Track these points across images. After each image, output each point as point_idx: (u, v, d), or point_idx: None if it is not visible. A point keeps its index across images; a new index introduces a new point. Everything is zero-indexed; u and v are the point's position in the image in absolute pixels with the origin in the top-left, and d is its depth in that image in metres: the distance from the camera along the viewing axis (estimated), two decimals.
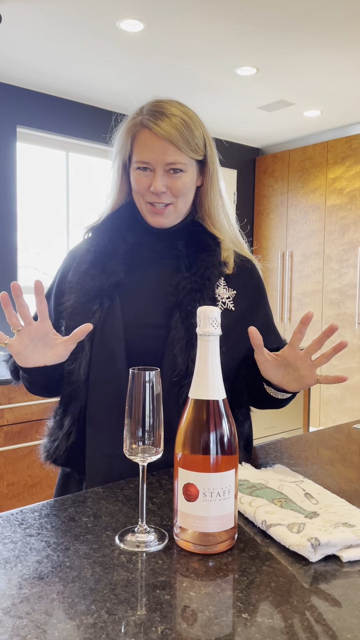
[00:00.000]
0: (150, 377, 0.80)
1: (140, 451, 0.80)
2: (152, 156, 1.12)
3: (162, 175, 1.13)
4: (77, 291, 1.15)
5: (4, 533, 0.83)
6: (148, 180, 1.14)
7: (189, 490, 0.78)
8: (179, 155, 1.12)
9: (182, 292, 1.14)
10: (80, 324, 1.08)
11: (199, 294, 1.14)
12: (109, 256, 1.18)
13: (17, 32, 3.01)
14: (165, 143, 1.11)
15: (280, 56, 3.27)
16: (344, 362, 4.67)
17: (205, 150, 1.18)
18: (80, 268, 1.18)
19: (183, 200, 1.17)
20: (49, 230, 4.23)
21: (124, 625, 0.61)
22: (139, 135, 1.14)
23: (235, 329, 1.16)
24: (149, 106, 1.15)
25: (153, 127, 1.11)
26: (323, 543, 0.75)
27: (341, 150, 4.67)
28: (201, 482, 0.77)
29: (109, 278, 1.15)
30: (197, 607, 0.65)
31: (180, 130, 1.11)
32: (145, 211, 1.18)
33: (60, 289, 1.22)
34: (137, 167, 1.14)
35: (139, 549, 0.78)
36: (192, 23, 2.87)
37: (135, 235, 1.21)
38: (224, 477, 0.78)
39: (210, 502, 0.77)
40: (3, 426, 2.62)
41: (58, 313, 1.18)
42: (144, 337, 1.15)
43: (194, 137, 1.14)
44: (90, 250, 1.20)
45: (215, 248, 1.20)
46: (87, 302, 1.14)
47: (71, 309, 1.15)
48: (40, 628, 0.61)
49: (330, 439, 1.36)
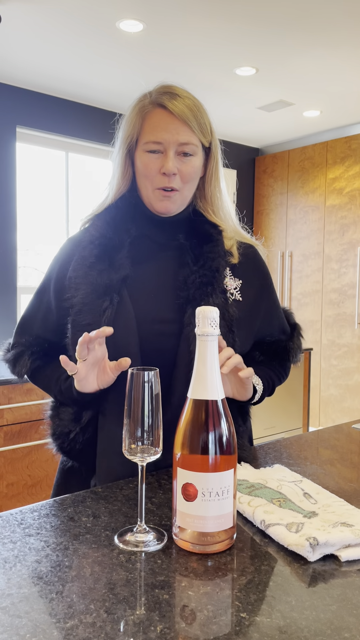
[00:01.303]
0: (149, 377, 0.80)
1: (139, 451, 0.80)
2: (165, 136, 1.09)
3: (174, 157, 1.10)
4: (84, 287, 1.11)
5: (3, 533, 0.83)
6: (158, 163, 1.11)
7: (187, 490, 0.78)
8: (192, 136, 1.11)
9: (192, 287, 1.13)
10: (89, 321, 1.07)
11: (209, 287, 1.13)
12: (116, 249, 1.14)
13: (16, 33, 3.01)
14: (179, 122, 1.09)
15: (280, 56, 3.28)
16: (344, 362, 4.67)
17: (212, 138, 1.17)
18: (84, 262, 1.14)
19: (189, 187, 1.15)
20: (49, 230, 4.23)
21: (123, 625, 0.61)
22: (150, 115, 1.11)
23: (245, 319, 1.16)
24: (158, 88, 1.14)
25: (168, 104, 1.09)
26: (321, 542, 0.75)
27: (341, 150, 4.67)
28: (200, 482, 0.77)
29: (117, 272, 1.12)
30: (195, 606, 0.65)
31: (194, 112, 1.10)
32: (153, 197, 1.14)
33: (61, 283, 1.17)
34: (146, 149, 1.11)
35: (138, 548, 0.78)
36: (191, 23, 2.87)
37: (138, 227, 1.18)
38: (223, 477, 0.78)
39: (209, 501, 0.77)
40: (2, 426, 2.62)
41: (63, 310, 1.15)
42: (158, 334, 1.12)
43: (204, 120, 1.13)
44: (95, 242, 1.15)
45: (218, 237, 1.18)
46: (96, 298, 1.10)
47: (80, 305, 1.11)
48: (39, 627, 0.61)
49: (330, 439, 1.36)
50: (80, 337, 1.00)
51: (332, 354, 4.76)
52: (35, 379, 1.24)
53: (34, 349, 1.20)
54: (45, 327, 1.20)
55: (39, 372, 1.22)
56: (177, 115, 1.09)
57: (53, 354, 1.17)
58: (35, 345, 1.20)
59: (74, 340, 1.08)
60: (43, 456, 2.74)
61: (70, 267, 1.16)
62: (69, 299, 1.13)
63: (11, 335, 1.26)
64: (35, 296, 1.24)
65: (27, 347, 1.20)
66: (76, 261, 1.15)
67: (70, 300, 1.12)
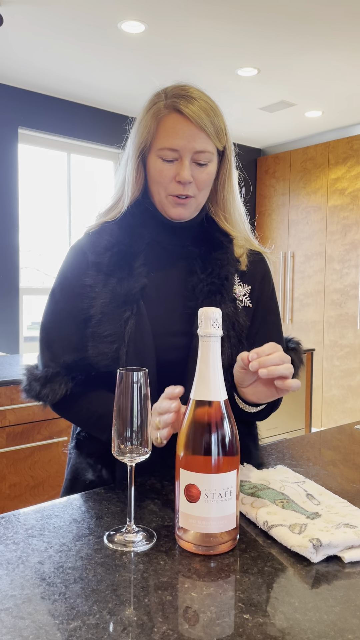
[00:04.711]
0: (138, 377, 0.80)
1: (128, 451, 0.80)
2: (181, 143, 1.04)
3: (190, 164, 1.06)
4: (103, 295, 1.06)
5: (6, 534, 0.83)
6: (173, 170, 1.07)
7: (190, 491, 0.78)
8: (208, 143, 1.06)
9: (200, 296, 1.09)
10: (110, 332, 1.03)
11: (218, 295, 1.09)
12: (133, 256, 1.10)
13: (18, 34, 3.01)
14: (195, 129, 1.05)
15: (282, 57, 3.27)
16: (346, 362, 4.67)
17: (226, 140, 1.12)
18: (102, 269, 1.09)
19: (204, 194, 1.12)
20: (51, 231, 4.23)
21: (126, 626, 0.61)
22: (165, 119, 1.06)
23: (255, 325, 1.15)
24: (173, 89, 1.08)
25: (184, 109, 1.04)
26: (325, 544, 0.75)
27: (343, 150, 4.67)
28: (202, 483, 0.77)
29: (137, 281, 1.07)
30: (198, 607, 0.65)
31: (210, 116, 1.06)
32: (166, 202, 1.10)
33: (75, 291, 1.10)
34: (161, 155, 1.06)
35: (127, 548, 0.78)
36: (193, 24, 2.87)
37: (150, 232, 1.14)
38: (225, 478, 0.78)
39: (211, 503, 0.77)
40: (5, 427, 2.62)
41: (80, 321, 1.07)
42: (171, 347, 1.09)
43: (219, 123, 1.08)
44: (113, 250, 1.10)
45: (228, 245, 1.15)
46: (117, 307, 1.05)
47: (99, 315, 1.05)
48: (42, 629, 0.61)
49: (332, 440, 1.36)
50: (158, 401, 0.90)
51: (335, 354, 4.76)
52: (68, 407, 1.10)
53: (75, 374, 1.06)
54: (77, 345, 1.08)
55: (76, 400, 1.09)
56: (194, 120, 1.04)
57: (95, 381, 1.08)
58: (76, 370, 1.07)
59: (95, 352, 1.04)
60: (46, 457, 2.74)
61: (82, 273, 1.11)
62: (87, 309, 1.07)
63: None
64: (52, 308, 1.14)
65: (65, 369, 1.07)
66: (92, 268, 1.10)
67: (90, 311, 1.07)
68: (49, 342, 1.12)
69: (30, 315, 4.04)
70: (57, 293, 1.14)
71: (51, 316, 1.13)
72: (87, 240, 1.15)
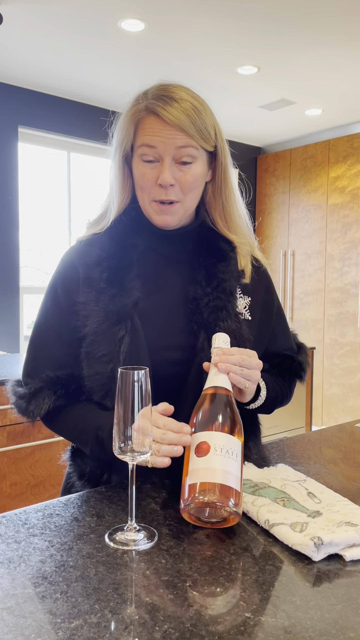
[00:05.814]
0: (138, 376, 0.80)
1: (129, 450, 0.80)
2: (160, 139, 1.00)
3: (171, 166, 1.02)
4: (96, 314, 1.03)
5: (7, 533, 0.83)
6: (155, 173, 1.02)
7: (201, 447, 0.84)
8: (189, 140, 1.01)
9: (205, 311, 1.06)
10: (104, 352, 1.01)
11: (224, 311, 1.06)
12: (125, 269, 1.06)
13: (18, 33, 3.01)
14: (175, 130, 1.00)
15: (282, 55, 3.27)
16: (347, 361, 4.67)
17: (216, 141, 1.07)
18: (93, 286, 1.05)
19: (191, 197, 1.06)
20: (51, 230, 4.23)
21: (127, 625, 0.61)
22: (143, 121, 1.02)
23: (256, 340, 1.12)
24: (154, 90, 1.04)
25: (161, 112, 0.99)
26: (326, 542, 0.75)
27: (343, 148, 4.66)
28: (212, 439, 0.85)
29: (129, 296, 1.04)
30: (200, 606, 0.65)
31: (191, 116, 1.00)
32: (150, 210, 1.06)
33: (65, 310, 1.07)
34: (140, 155, 1.03)
35: (128, 547, 0.78)
36: (192, 22, 2.87)
37: (144, 240, 1.10)
38: (231, 440, 0.86)
39: (219, 456, 0.83)
40: (5, 426, 2.62)
41: (74, 340, 1.05)
42: (169, 362, 1.06)
43: (205, 124, 1.02)
44: (103, 265, 1.06)
45: (232, 255, 1.12)
46: (110, 326, 1.02)
47: (92, 335, 1.02)
48: (44, 627, 0.61)
49: (333, 438, 1.36)
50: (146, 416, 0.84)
51: (335, 353, 4.76)
52: (53, 421, 1.09)
53: (56, 388, 1.06)
54: (62, 361, 1.07)
55: (59, 414, 1.07)
56: (171, 122, 0.99)
57: (76, 394, 1.06)
58: (58, 384, 1.06)
59: (90, 373, 1.03)
60: (46, 456, 2.75)
61: (73, 289, 1.08)
62: (80, 329, 1.04)
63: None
64: (41, 321, 1.12)
65: (48, 384, 1.06)
66: (84, 284, 1.07)
67: (83, 331, 1.04)
68: (35, 354, 1.11)
69: (31, 314, 4.05)
70: (49, 307, 1.11)
71: (39, 329, 1.12)
72: (77, 252, 1.11)
